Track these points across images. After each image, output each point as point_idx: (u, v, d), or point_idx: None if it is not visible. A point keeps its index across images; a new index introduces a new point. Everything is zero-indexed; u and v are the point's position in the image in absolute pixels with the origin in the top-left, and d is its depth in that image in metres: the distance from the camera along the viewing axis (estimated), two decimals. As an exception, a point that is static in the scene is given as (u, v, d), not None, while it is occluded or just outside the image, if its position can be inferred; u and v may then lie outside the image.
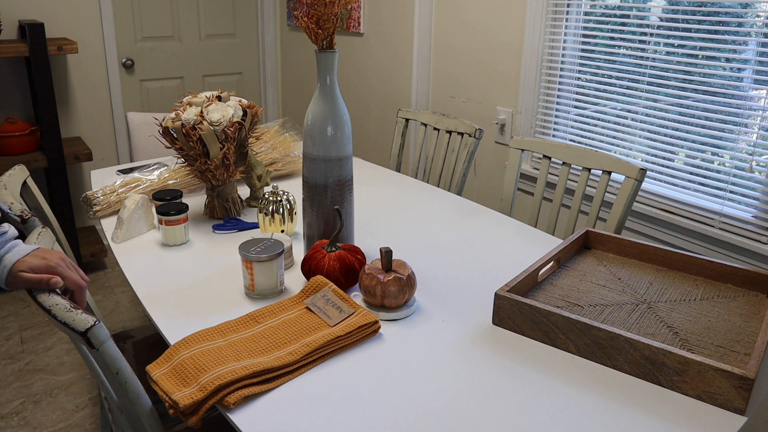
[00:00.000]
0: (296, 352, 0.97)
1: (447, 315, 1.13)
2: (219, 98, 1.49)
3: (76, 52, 2.64)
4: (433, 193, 1.82)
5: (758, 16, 1.62)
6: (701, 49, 1.74)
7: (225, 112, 1.43)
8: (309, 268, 1.19)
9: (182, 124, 1.42)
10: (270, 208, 1.41)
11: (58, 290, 0.92)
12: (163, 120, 1.48)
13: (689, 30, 1.76)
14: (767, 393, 0.93)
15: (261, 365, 0.92)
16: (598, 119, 2.07)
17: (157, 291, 1.21)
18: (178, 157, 1.54)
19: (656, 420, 0.86)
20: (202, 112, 1.43)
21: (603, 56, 2.01)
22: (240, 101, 1.51)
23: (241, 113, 1.48)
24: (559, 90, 2.18)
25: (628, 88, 1.95)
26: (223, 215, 1.57)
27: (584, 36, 2.07)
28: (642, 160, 1.95)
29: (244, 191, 1.79)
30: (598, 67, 2.03)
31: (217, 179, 1.51)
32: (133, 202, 1.45)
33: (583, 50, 2.08)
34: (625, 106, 1.98)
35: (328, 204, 1.28)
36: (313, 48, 3.36)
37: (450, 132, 2.05)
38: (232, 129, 1.44)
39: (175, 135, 1.46)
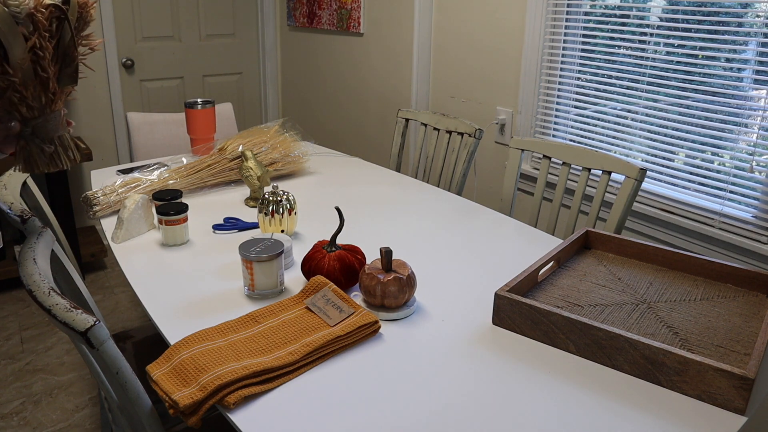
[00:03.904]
0: (296, 352, 0.97)
1: (447, 315, 1.13)
2: None
3: (76, 52, 2.64)
4: (433, 193, 1.82)
5: (758, 16, 1.62)
6: (701, 49, 1.74)
7: None
8: (309, 268, 1.19)
9: None
10: (270, 208, 1.41)
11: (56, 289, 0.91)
12: None
13: (689, 30, 1.76)
14: (767, 393, 0.93)
15: (261, 365, 0.92)
16: (598, 119, 2.07)
17: (157, 291, 1.21)
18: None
19: (656, 420, 0.86)
20: None
21: (603, 56, 2.01)
22: None
23: None
24: (559, 90, 2.18)
25: (628, 88, 1.95)
26: (48, 167, 0.92)
27: (584, 36, 2.07)
28: (642, 160, 1.95)
29: (244, 191, 1.79)
30: (598, 67, 2.03)
31: (29, 106, 0.86)
32: (133, 202, 1.45)
33: (583, 50, 2.08)
34: (625, 106, 1.97)
35: None
36: (314, 48, 3.36)
37: (450, 132, 2.05)
38: (44, 14, 0.82)
39: None
